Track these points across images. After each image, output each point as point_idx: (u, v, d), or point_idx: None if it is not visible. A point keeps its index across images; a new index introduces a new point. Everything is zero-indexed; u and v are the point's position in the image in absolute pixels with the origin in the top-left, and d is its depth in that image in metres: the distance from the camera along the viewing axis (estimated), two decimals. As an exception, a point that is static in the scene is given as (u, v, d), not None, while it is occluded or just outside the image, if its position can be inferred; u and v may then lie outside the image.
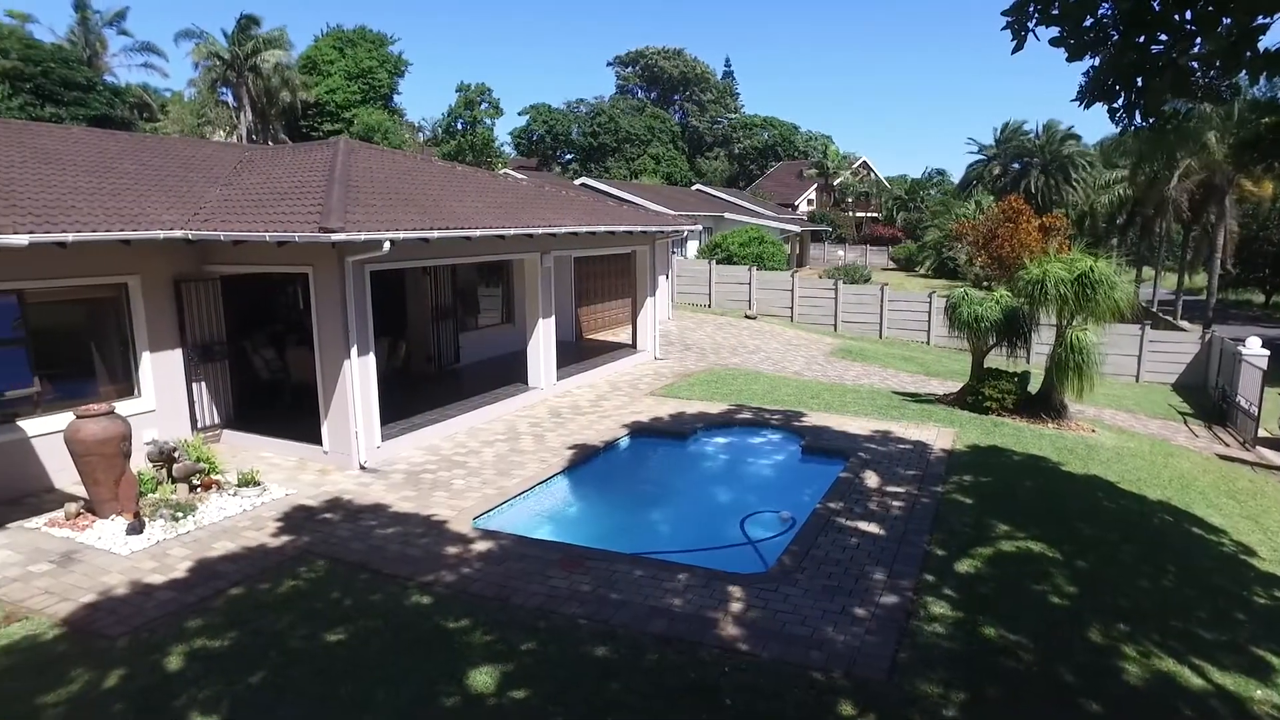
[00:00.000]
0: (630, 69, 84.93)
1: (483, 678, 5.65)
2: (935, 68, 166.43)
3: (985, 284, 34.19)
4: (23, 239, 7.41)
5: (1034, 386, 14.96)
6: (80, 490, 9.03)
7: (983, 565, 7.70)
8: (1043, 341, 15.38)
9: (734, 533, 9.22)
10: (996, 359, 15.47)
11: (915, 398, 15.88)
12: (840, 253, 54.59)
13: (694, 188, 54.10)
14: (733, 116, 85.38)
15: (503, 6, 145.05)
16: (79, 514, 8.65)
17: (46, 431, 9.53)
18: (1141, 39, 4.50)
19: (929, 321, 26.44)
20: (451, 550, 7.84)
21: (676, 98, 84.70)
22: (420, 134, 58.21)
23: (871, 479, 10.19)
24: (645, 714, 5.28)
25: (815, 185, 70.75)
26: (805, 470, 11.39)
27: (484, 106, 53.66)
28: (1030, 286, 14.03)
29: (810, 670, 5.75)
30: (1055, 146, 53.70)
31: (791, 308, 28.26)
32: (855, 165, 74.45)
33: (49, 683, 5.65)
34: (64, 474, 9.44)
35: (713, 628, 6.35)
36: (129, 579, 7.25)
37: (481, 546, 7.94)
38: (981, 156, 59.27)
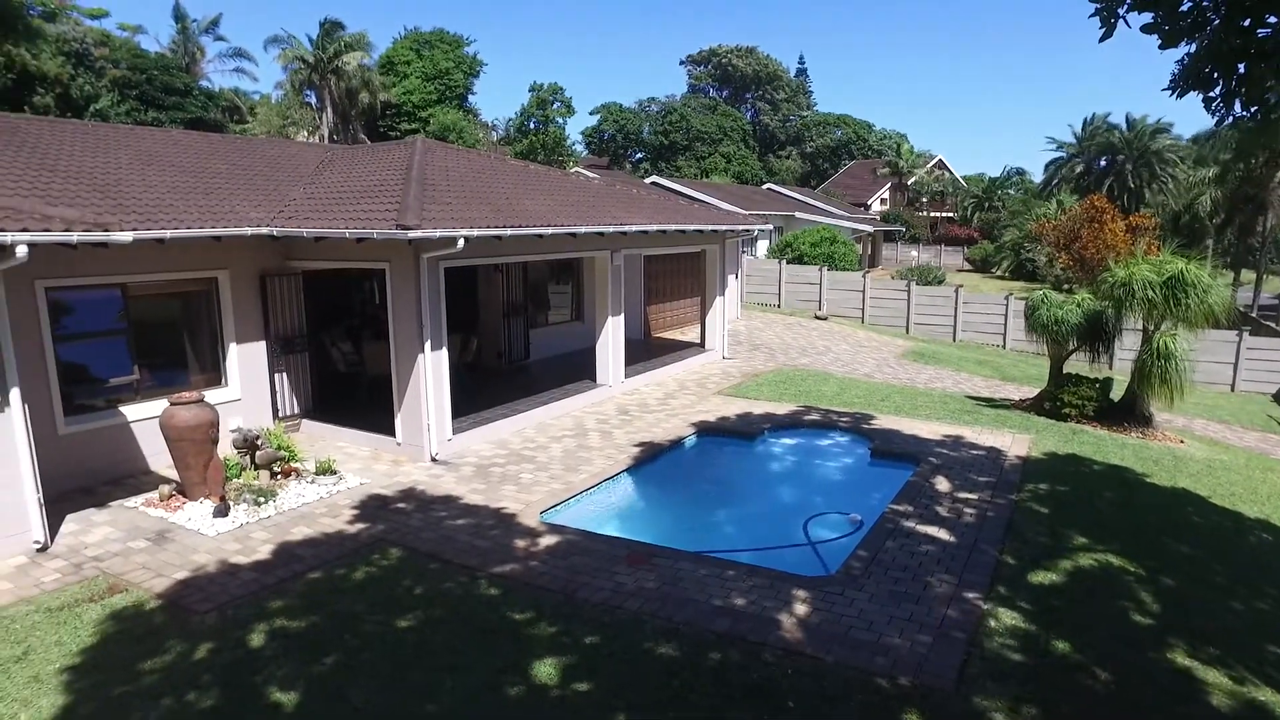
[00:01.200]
0: (702, 68, 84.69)
1: (547, 669, 5.75)
2: (1014, 63, 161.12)
3: (1066, 286, 32.99)
4: (127, 236, 7.84)
5: (1117, 393, 14.38)
6: (173, 473, 9.52)
7: (1058, 577, 7.45)
8: (1127, 347, 14.78)
9: (800, 534, 9.15)
10: (1077, 364, 14.93)
11: (989, 402, 15.45)
12: (913, 253, 53.36)
13: (765, 186, 53.66)
14: (805, 115, 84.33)
15: (577, 7, 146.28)
16: (171, 496, 9.12)
17: (143, 417, 10.08)
18: (1246, 22, 4.27)
19: (1005, 324, 25.67)
20: (519, 543, 7.99)
21: (749, 96, 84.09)
22: (493, 133, 59.23)
23: (942, 484, 9.96)
24: (707, 712, 5.30)
25: (889, 184, 69.32)
26: (874, 474, 11.21)
27: (556, 106, 54.36)
28: (1115, 289, 13.49)
29: (875, 676, 5.68)
30: (1143, 141, 51.19)
31: (862, 309, 27.80)
32: (930, 164, 72.63)
33: (147, 650, 6.00)
34: (158, 457, 9.97)
35: (777, 629, 6.32)
36: (216, 559, 7.62)
37: (548, 540, 8.06)
38: (1061, 154, 57.02)
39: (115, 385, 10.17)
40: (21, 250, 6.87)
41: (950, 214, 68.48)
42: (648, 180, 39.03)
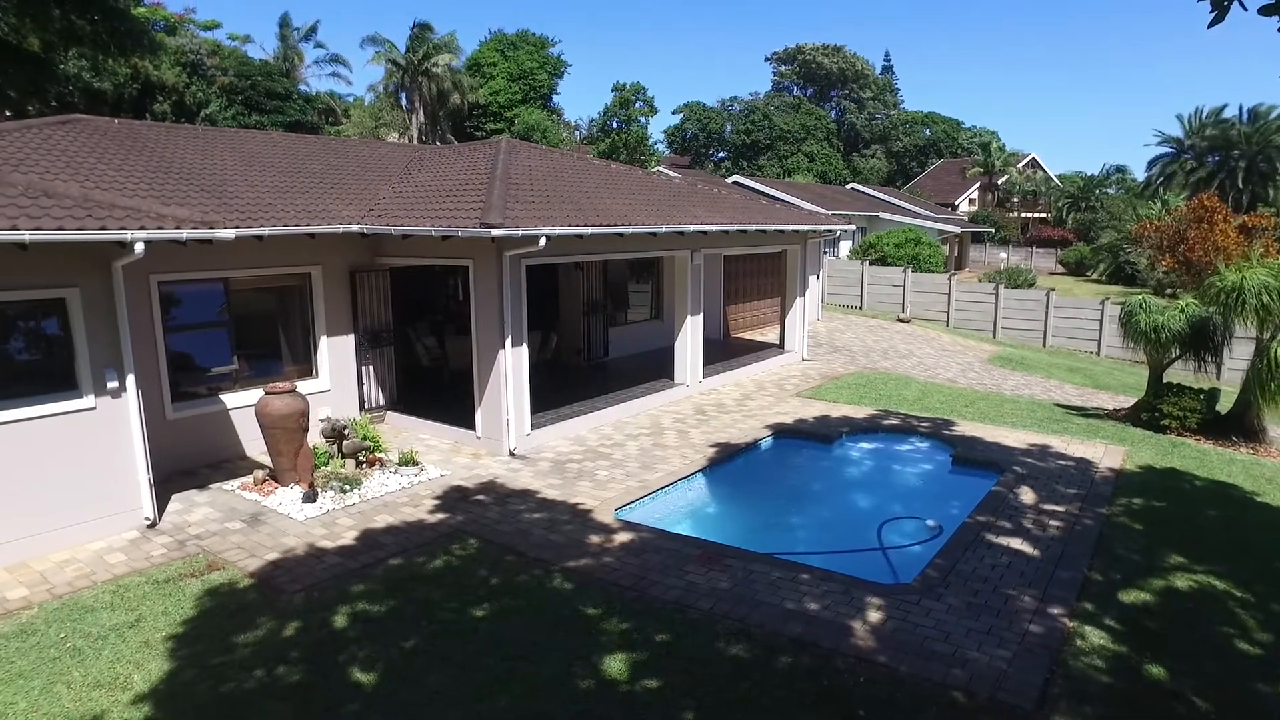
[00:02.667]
0: (787, 66, 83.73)
1: (617, 664, 5.80)
2: (1115, 54, 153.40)
3: (1168, 292, 31.28)
4: (230, 233, 8.28)
5: (1224, 405, 13.56)
6: (265, 459, 9.98)
7: (1152, 598, 7.09)
8: (1237, 356, 13.92)
9: (875, 540, 8.98)
10: (1179, 374, 14.15)
11: (1081, 411, 14.80)
12: (1002, 255, 51.53)
13: (849, 186, 52.71)
14: (891, 113, 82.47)
15: (662, 6, 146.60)
16: (264, 480, 9.57)
17: (241, 405, 10.60)
18: None
19: (1100, 330, 24.54)
20: (593, 539, 8.07)
21: (834, 94, 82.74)
22: (576, 132, 59.93)
23: (1027, 495, 9.60)
24: (776, 716, 5.25)
25: (978, 184, 67.11)
26: (954, 482, 10.90)
27: (638, 105, 54.60)
28: (1224, 294, 12.70)
29: (950, 690, 5.52)
30: (1265, 135, 47.83)
31: (947, 312, 27.02)
32: (1022, 163, 69.91)
33: (241, 625, 6.34)
34: (253, 444, 10.47)
35: (850, 636, 6.21)
36: (304, 542, 7.96)
37: (622, 537, 8.13)
38: (1169, 150, 54.05)
39: (216, 374, 10.73)
40: (140, 247, 7.34)
41: (1043, 215, 65.76)
42: (729, 179, 38.85)
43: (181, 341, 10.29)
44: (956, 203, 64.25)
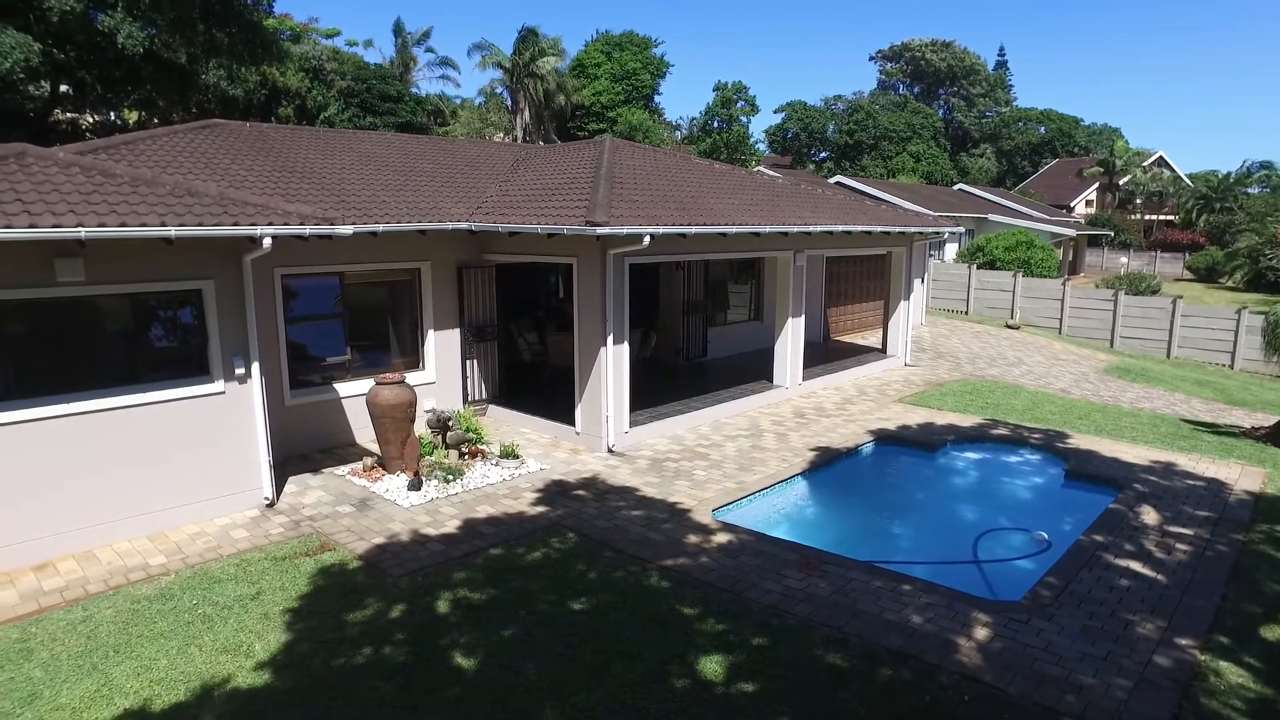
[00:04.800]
0: (893, 63, 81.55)
1: (712, 665, 5.76)
2: (1259, 39, 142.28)
3: (1317, 301, 28.82)
4: (348, 229, 8.67)
5: (1380, 427, 12.40)
6: (374, 447, 10.39)
7: (1298, 632, 6.53)
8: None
9: (979, 553, 8.63)
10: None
11: (1211, 428, 13.80)
12: (1123, 260, 48.66)
13: (956, 187, 50.87)
14: (1003, 110, 79.13)
15: (765, 5, 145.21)
16: (373, 468, 9.95)
17: (352, 394, 11.07)
18: None
19: (1235, 341, 22.84)
20: (690, 538, 8.04)
21: (942, 92, 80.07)
22: (677, 132, 59.99)
23: (1149, 515, 9.01)
24: (878, 730, 5.10)
25: (1096, 185, 63.57)
26: (1067, 497, 10.35)
27: (740, 105, 54.23)
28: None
29: (1063, 717, 5.23)
30: None
31: (1060, 319, 25.71)
32: (1148, 161, 65.72)
33: (350, 605, 6.62)
34: (362, 432, 10.92)
35: (953, 652, 5.97)
36: (409, 528, 8.23)
37: (720, 538, 8.07)
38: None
39: (331, 364, 11.24)
40: (267, 241, 7.77)
41: (1169, 217, 61.69)
42: (832, 180, 38.12)
43: (300, 332, 10.83)
44: (1072, 204, 61.10)
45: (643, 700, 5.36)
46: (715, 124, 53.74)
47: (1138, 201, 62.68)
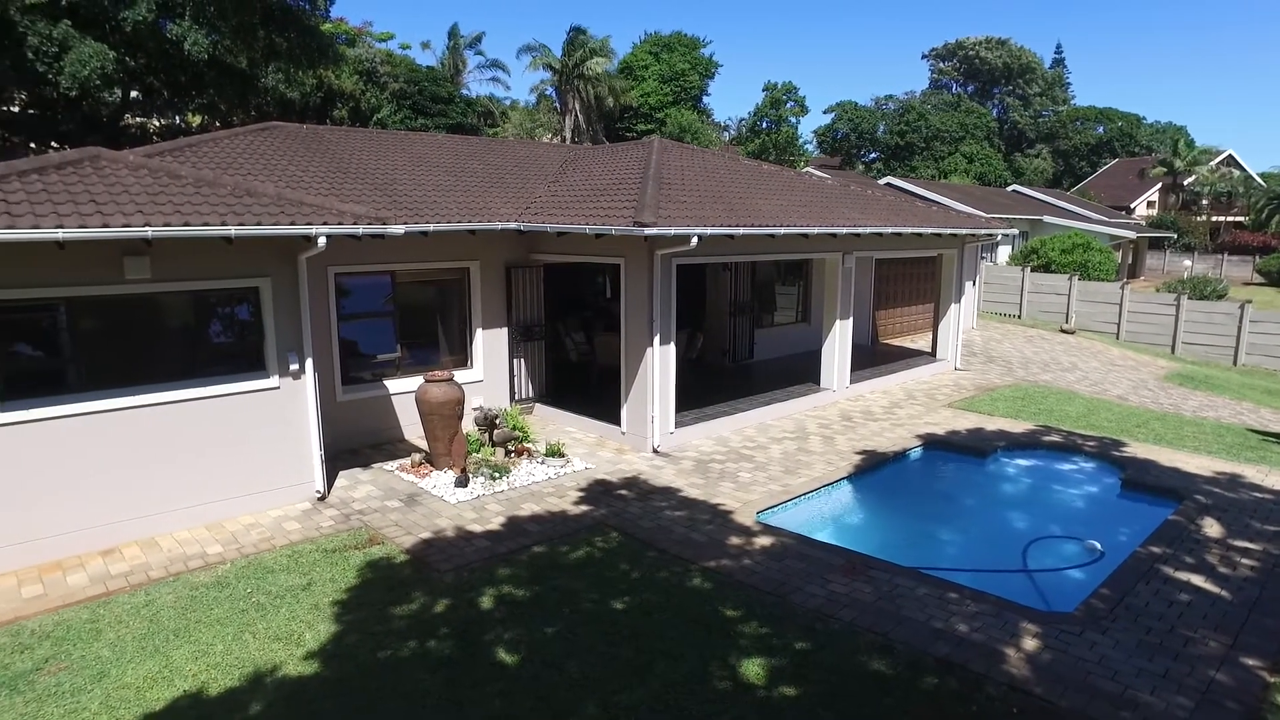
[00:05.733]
0: (946, 62, 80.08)
1: (754, 668, 5.74)
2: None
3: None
4: (400, 229, 8.84)
5: None
6: (422, 443, 10.56)
7: (1370, 653, 6.26)
8: None
9: (1029, 561, 8.44)
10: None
11: (1281, 439, 13.29)
12: (1186, 263, 47.02)
13: (1009, 188, 49.75)
14: (1060, 109, 77.12)
15: (816, 4, 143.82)
16: (421, 464, 10.12)
17: (401, 391, 11.28)
18: None
19: (1308, 349, 21.95)
20: (734, 540, 8.02)
21: (996, 91, 78.35)
22: (725, 133, 59.79)
23: (1212, 528, 8.71)
24: (923, 739, 5.03)
25: (1159, 185, 61.52)
26: (1123, 507, 10.06)
27: (790, 105, 53.84)
28: None
29: (1121, 731, 5.09)
30: None
31: (1118, 323, 24.98)
32: (1216, 160, 63.36)
33: (397, 598, 6.74)
34: (411, 428, 11.11)
35: (1002, 662, 5.86)
36: (455, 524, 8.36)
37: (763, 541, 8.03)
38: None
39: (381, 361, 11.46)
40: (322, 240, 7.95)
41: (1238, 218, 59.41)
42: (882, 181, 37.63)
43: (352, 329, 11.06)
44: (1132, 206, 59.28)
45: (684, 701, 5.37)
46: (764, 124, 53.45)
47: (1204, 202, 60.47)
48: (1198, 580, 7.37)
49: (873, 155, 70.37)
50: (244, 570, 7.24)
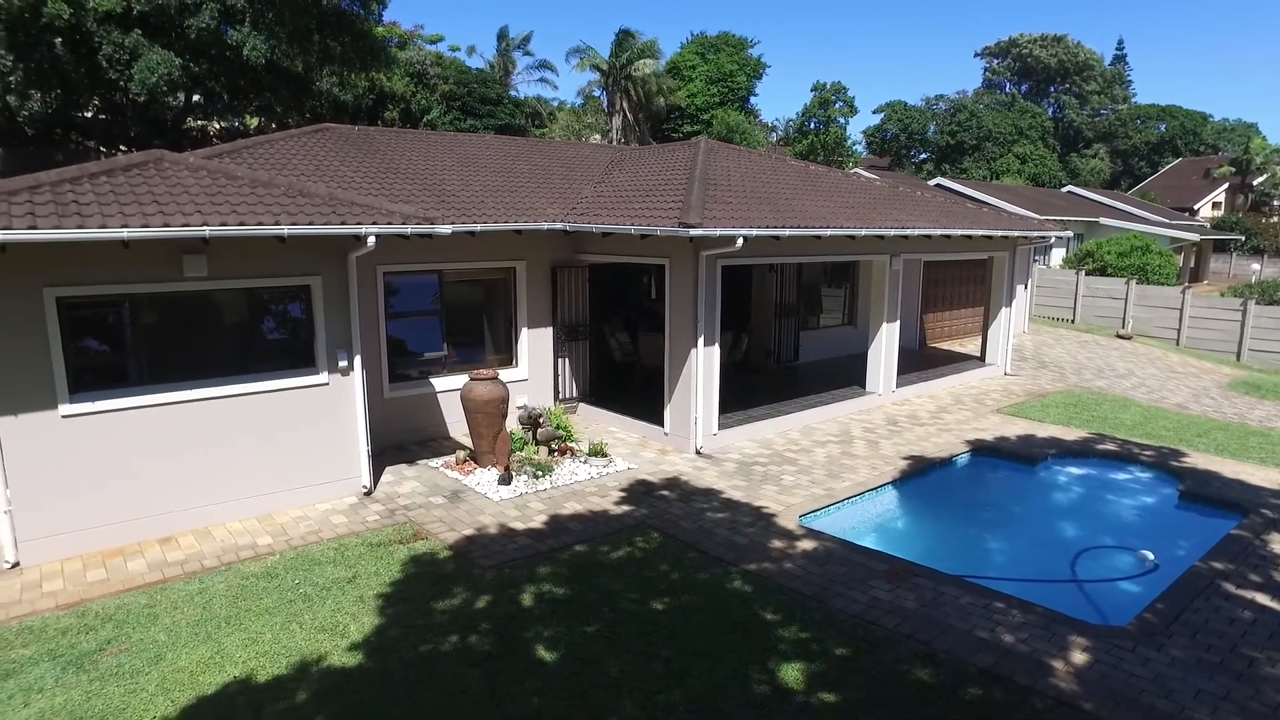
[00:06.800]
0: (1000, 61, 78.42)
1: (793, 673, 5.69)
2: None
3: None
4: (447, 229, 8.97)
5: None
6: (466, 441, 10.69)
7: None
8: None
9: (1078, 571, 8.23)
10: None
11: (1353, 451, 12.72)
12: (1254, 266, 45.27)
13: (1064, 189, 48.52)
14: (1120, 108, 74.92)
15: (866, 3, 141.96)
16: (465, 461, 10.24)
17: (446, 389, 11.43)
18: None
19: (1384, 358, 21.00)
20: (776, 544, 7.96)
21: (1052, 89, 76.47)
22: (773, 134, 59.38)
23: (1278, 544, 8.39)
24: (966, 750, 4.94)
25: (1226, 185, 59.39)
26: (1181, 520, 9.74)
27: (838, 105, 53.27)
28: None
29: (1175, 750, 4.94)
30: None
31: (1178, 329, 24.18)
32: (1292, 157, 60.84)
33: (439, 593, 6.84)
34: (456, 425, 11.26)
35: (1049, 675, 5.72)
36: (498, 521, 8.44)
37: (805, 545, 7.96)
38: None
39: (428, 359, 11.63)
40: (371, 240, 8.11)
41: (1314, 219, 57.02)
42: (932, 182, 37.02)
43: (399, 327, 11.25)
44: (1196, 207, 57.34)
45: (722, 703, 5.35)
46: (812, 125, 52.96)
47: (1276, 203, 58.24)
48: (1263, 599, 7.10)
49: (923, 156, 69.24)
50: (292, 562, 7.41)
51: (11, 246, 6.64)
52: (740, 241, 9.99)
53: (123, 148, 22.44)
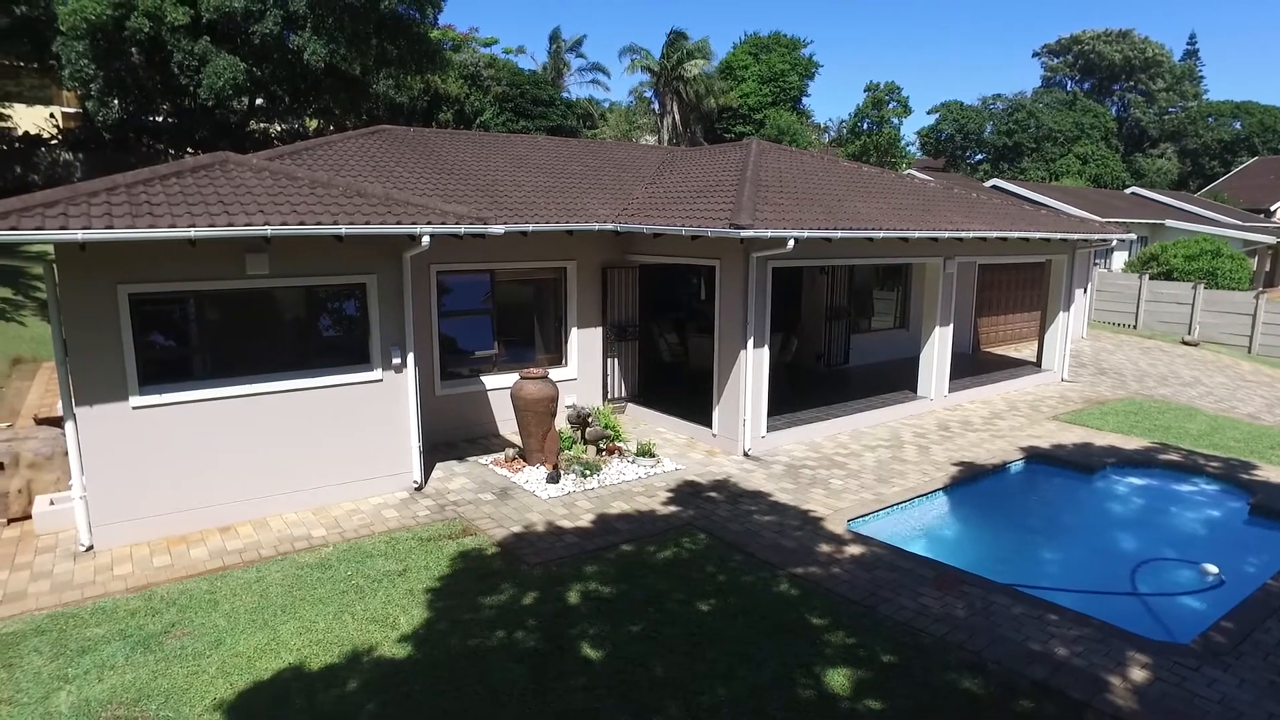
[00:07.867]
0: (1060, 59, 76.32)
1: (839, 679, 5.64)
2: None
3: None
4: (499, 229, 9.10)
5: None
6: (516, 439, 10.82)
7: None
8: None
9: (1138, 586, 7.99)
10: None
11: None
12: (1334, 271, 43.31)
13: (1128, 190, 47.06)
14: (1190, 105, 72.26)
15: (921, 2, 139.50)
16: (514, 459, 10.36)
17: (497, 387, 11.58)
18: None
19: None
20: (823, 548, 7.90)
21: (1116, 87, 74.09)
22: (825, 134, 58.77)
23: (1354, 561, 8.04)
24: (1016, 763, 4.84)
25: (1306, 186, 56.90)
26: (1251, 535, 9.39)
27: (892, 105, 52.49)
28: None
29: (1238, 773, 4.77)
30: None
31: (1250, 336, 23.27)
32: (1377, 158, 58.11)
33: (487, 589, 6.94)
34: (506, 424, 11.40)
35: (1105, 691, 5.57)
36: (545, 519, 8.53)
37: (853, 550, 7.88)
38: None
39: (479, 357, 11.80)
40: (426, 240, 8.26)
41: (1401, 223, 54.30)
42: (987, 183, 36.25)
43: (451, 326, 11.43)
44: (1273, 208, 55.10)
45: (766, 706, 5.33)
46: (865, 126, 52.24)
47: (1358, 204, 55.57)
48: (1334, 617, 6.82)
49: (978, 157, 67.80)
50: (345, 554, 7.60)
51: (90, 245, 6.94)
52: (791, 243, 9.92)
53: (190, 150, 23.25)
